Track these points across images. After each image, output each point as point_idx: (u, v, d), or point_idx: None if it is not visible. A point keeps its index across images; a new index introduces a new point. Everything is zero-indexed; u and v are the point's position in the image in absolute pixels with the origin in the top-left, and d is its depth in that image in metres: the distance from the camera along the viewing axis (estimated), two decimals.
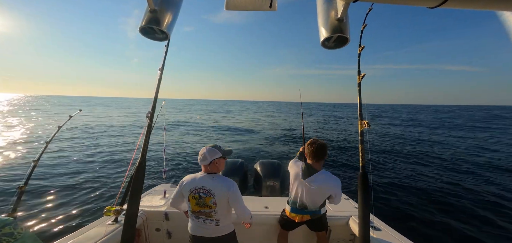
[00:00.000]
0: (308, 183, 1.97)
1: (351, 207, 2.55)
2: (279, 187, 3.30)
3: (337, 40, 1.16)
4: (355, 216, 2.26)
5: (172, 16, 1.16)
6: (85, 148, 9.40)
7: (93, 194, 5.08)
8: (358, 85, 1.83)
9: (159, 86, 1.80)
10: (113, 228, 1.85)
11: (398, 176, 7.00)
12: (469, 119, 31.99)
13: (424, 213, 4.70)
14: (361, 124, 1.77)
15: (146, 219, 2.23)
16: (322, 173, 1.98)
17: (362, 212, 1.70)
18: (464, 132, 18.03)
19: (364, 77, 1.79)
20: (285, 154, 9.87)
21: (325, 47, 1.23)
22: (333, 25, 1.01)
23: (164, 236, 2.30)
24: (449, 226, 4.20)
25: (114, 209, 1.88)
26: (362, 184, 1.72)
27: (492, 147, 11.96)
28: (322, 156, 1.98)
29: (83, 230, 1.82)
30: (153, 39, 1.25)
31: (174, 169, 7.32)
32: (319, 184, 1.95)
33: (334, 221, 2.29)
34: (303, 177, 1.99)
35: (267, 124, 22.07)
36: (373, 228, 2.07)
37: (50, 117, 22.12)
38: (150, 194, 2.79)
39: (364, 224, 1.68)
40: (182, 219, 2.27)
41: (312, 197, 2.00)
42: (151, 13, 1.09)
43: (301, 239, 2.39)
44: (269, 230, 2.36)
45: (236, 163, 3.57)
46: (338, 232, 2.37)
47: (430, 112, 52.30)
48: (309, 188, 1.97)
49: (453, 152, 10.67)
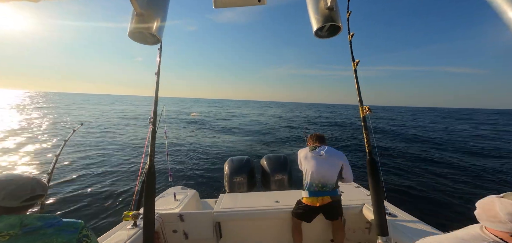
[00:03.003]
0: (316, 154, 2.20)
1: (363, 194, 2.53)
2: (287, 181, 3.29)
3: (329, 30, 1.18)
4: (368, 204, 2.22)
5: (160, 18, 1.12)
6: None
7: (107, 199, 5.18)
8: (354, 72, 1.85)
9: (158, 90, 1.81)
10: (133, 231, 1.90)
11: (407, 163, 7.00)
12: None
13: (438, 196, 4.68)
14: (362, 110, 1.76)
15: (162, 221, 2.27)
16: (326, 146, 2.26)
17: (375, 198, 1.67)
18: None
19: (358, 64, 1.81)
20: (289, 153, 9.93)
21: (318, 37, 1.25)
22: (324, 15, 1.03)
23: (182, 237, 2.32)
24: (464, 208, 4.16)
25: (131, 214, 1.93)
26: (371, 170, 1.70)
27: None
28: (323, 140, 2.35)
29: (106, 235, 1.87)
30: (145, 43, 1.22)
31: (180, 171, 7.40)
32: (326, 152, 2.18)
33: (348, 210, 2.25)
34: (311, 150, 2.24)
35: (271, 122, 22.07)
36: (389, 214, 2.01)
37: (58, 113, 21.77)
38: (163, 197, 2.84)
39: (379, 211, 1.65)
40: (196, 219, 2.31)
41: (324, 167, 2.13)
42: (138, 16, 1.06)
43: (316, 231, 2.35)
44: (282, 224, 2.35)
45: (242, 160, 3.56)
46: (352, 221, 2.33)
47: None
48: (318, 158, 2.17)
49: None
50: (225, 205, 2.44)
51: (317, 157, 2.17)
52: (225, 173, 3.44)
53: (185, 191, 3.05)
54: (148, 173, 1.68)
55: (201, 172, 7.37)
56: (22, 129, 13.53)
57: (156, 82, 1.82)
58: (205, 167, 7.82)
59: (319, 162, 2.15)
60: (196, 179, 6.75)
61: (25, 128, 14.11)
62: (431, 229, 1.81)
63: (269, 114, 36.78)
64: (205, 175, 7.04)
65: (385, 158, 8.42)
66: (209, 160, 8.67)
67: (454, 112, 60.24)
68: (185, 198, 2.78)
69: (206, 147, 10.84)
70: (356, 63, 1.83)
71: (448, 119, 35.58)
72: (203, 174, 7.19)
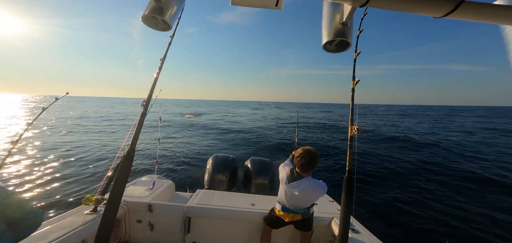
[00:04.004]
0: (291, 188, 2.01)
1: (334, 209, 2.58)
2: (268, 185, 3.29)
3: (338, 45, 1.19)
4: (337, 218, 2.28)
5: (176, 7, 1.17)
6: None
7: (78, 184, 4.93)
8: (352, 91, 1.87)
9: (159, 75, 1.76)
10: (91, 217, 1.78)
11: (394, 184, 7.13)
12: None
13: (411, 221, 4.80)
14: (351, 129, 1.78)
15: (128, 209, 2.17)
16: (307, 180, 1.99)
17: (343, 214, 1.73)
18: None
19: (358, 83, 1.84)
20: (277, 155, 9.93)
21: (326, 50, 1.26)
22: (337, 29, 1.04)
23: (146, 228, 2.23)
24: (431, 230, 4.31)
25: (95, 198, 1.80)
26: (347, 187, 1.75)
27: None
28: (311, 168, 2.01)
29: (58, 218, 1.73)
30: (156, 28, 1.26)
31: (168, 162, 7.22)
32: (302, 190, 1.98)
33: (317, 222, 2.31)
34: (287, 181, 2.04)
35: (265, 121, 22.04)
36: (353, 230, 2.11)
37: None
38: (136, 184, 2.72)
39: (343, 226, 1.71)
40: (167, 211, 2.24)
41: (295, 202, 2.04)
42: (156, 2, 1.10)
43: (284, 238, 2.39)
44: (253, 228, 2.35)
45: (227, 159, 3.53)
46: (320, 233, 2.38)
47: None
48: (292, 194, 2.01)
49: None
50: (200, 201, 2.40)
51: (291, 192, 2.00)
52: (207, 168, 3.40)
53: (162, 181, 2.95)
54: (126, 156, 1.57)
55: (186, 164, 7.25)
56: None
57: (159, 66, 1.77)
58: (191, 161, 7.70)
59: (291, 197, 2.02)
60: (179, 171, 6.62)
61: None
62: None
63: (267, 114, 36.59)
64: (189, 169, 6.92)
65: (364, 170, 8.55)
66: (197, 155, 8.55)
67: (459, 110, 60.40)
68: (160, 188, 2.69)
69: (197, 144, 10.70)
70: (356, 83, 1.86)
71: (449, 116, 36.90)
72: (188, 167, 7.07)
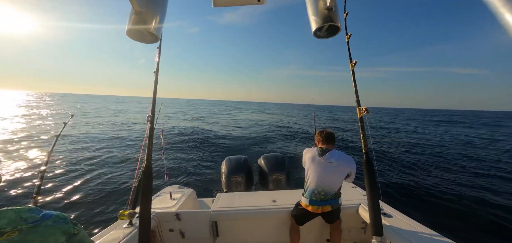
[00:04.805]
0: (326, 160, 2.02)
1: (359, 194, 2.54)
2: (285, 180, 3.30)
3: (328, 30, 1.19)
4: (364, 204, 2.23)
5: (159, 17, 1.13)
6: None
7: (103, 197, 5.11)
8: (352, 72, 1.86)
9: (156, 89, 1.79)
10: (129, 231, 1.88)
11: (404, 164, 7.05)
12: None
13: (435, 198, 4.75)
14: (359, 110, 1.77)
15: (159, 220, 2.25)
16: (336, 151, 2.09)
17: (371, 199, 1.69)
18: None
19: (356, 64, 1.82)
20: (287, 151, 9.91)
21: (317, 37, 1.26)
22: (323, 15, 1.04)
23: (178, 236, 2.32)
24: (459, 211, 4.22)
25: (127, 213, 1.92)
26: (368, 170, 1.72)
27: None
28: (333, 140, 2.15)
29: (101, 234, 1.85)
30: (143, 41, 1.24)
31: (178, 172, 7.36)
32: (337, 159, 2.02)
33: (344, 210, 2.24)
34: (320, 155, 2.06)
35: (270, 122, 22.06)
36: (384, 214, 2.00)
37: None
38: (159, 196, 2.82)
39: (374, 211, 1.67)
40: (194, 218, 2.31)
41: (331, 176, 2.00)
42: (137, 15, 1.07)
43: (314, 231, 2.36)
44: (279, 223, 2.35)
45: (240, 159, 3.54)
46: (349, 221, 2.34)
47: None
48: (327, 165, 2.00)
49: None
50: (222, 204, 2.43)
51: (326, 164, 2.01)
52: (223, 172, 3.44)
53: (182, 190, 3.04)
54: (145, 172, 1.66)
55: (198, 171, 7.35)
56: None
57: (155, 80, 1.79)
58: (202, 166, 7.79)
59: (327, 170, 2.01)
60: (193, 178, 6.72)
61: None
62: (426, 229, 1.82)
63: (270, 115, 36.69)
64: (202, 174, 7.02)
65: (382, 159, 8.49)
66: (207, 160, 8.64)
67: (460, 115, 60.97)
68: (182, 197, 2.77)
69: (204, 147, 10.81)
70: (354, 64, 1.84)
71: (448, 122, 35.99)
72: (201, 172, 7.17)
